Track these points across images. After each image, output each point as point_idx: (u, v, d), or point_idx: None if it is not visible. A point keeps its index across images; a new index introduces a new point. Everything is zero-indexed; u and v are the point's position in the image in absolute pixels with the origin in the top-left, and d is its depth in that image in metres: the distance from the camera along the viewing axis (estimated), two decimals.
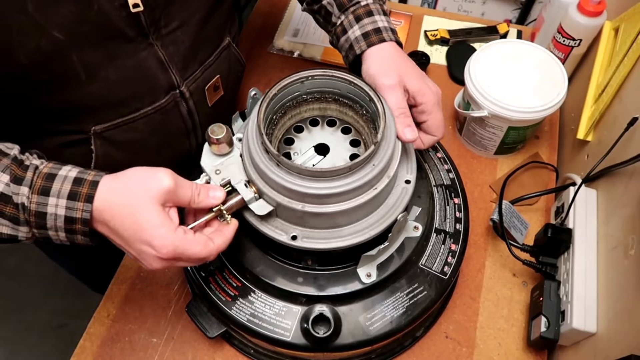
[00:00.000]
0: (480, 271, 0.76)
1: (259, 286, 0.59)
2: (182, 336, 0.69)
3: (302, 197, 0.50)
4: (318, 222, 0.53)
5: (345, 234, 0.53)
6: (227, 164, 0.54)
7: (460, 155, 0.88)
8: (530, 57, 0.81)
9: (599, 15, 0.81)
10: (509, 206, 0.75)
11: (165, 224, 0.47)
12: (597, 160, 0.68)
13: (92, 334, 0.70)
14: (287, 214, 0.53)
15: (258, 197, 0.52)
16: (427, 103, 0.60)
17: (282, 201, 0.51)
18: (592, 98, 0.78)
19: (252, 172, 0.52)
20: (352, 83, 0.56)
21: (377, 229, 0.53)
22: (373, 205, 0.54)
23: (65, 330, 1.56)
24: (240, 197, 0.52)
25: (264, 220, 0.54)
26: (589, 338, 0.62)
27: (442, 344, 0.69)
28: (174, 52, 0.63)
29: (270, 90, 0.54)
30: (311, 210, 0.50)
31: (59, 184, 0.47)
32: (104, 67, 0.57)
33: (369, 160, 0.50)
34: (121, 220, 0.47)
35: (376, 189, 0.52)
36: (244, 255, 0.60)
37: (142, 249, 0.48)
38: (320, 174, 0.48)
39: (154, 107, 0.64)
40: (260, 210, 0.52)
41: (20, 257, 1.68)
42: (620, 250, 0.60)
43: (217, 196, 0.51)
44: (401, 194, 0.56)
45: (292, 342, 0.57)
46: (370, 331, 0.57)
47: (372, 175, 0.50)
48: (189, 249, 0.48)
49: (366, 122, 0.59)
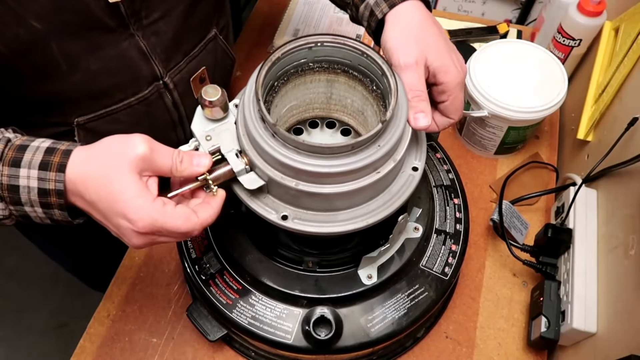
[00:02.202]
0: (480, 271, 0.76)
1: (259, 289, 0.59)
2: (182, 336, 0.69)
3: (297, 173, 0.45)
4: (312, 203, 0.48)
5: (342, 219, 0.48)
6: (220, 131, 0.49)
7: (460, 155, 0.88)
8: (530, 57, 0.81)
9: (599, 15, 0.81)
10: (509, 206, 0.75)
11: (141, 195, 0.43)
12: (597, 160, 0.68)
13: (92, 334, 0.70)
14: (279, 191, 0.48)
15: (249, 170, 0.47)
16: (449, 83, 0.53)
17: (274, 176, 0.46)
18: (592, 98, 0.78)
19: (246, 142, 0.47)
20: (365, 54, 0.51)
21: (377, 216, 0.49)
22: (375, 190, 0.49)
23: (65, 330, 1.56)
24: (229, 168, 0.47)
25: (254, 196, 0.49)
26: (589, 338, 0.62)
27: (442, 344, 0.69)
28: (156, 42, 0.62)
29: (273, 54, 0.48)
30: (305, 189, 0.45)
31: (31, 154, 0.44)
32: (84, 57, 0.57)
33: (375, 140, 0.45)
34: (96, 191, 0.43)
35: (379, 172, 0.46)
36: (244, 258, 0.60)
37: (119, 223, 0.44)
38: (319, 150, 0.44)
39: (137, 98, 0.64)
40: (251, 184, 0.47)
41: (20, 257, 1.68)
42: (621, 250, 0.60)
43: (202, 163, 0.46)
44: (407, 181, 0.50)
45: (293, 344, 0.57)
46: (371, 333, 0.57)
47: (377, 157, 0.45)
48: (169, 222, 0.43)
49: (376, 99, 0.54)
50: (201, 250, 0.63)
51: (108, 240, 0.50)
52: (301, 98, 0.58)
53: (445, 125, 0.56)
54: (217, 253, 0.62)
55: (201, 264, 0.61)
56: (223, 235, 0.62)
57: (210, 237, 0.63)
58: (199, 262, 0.62)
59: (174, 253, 0.76)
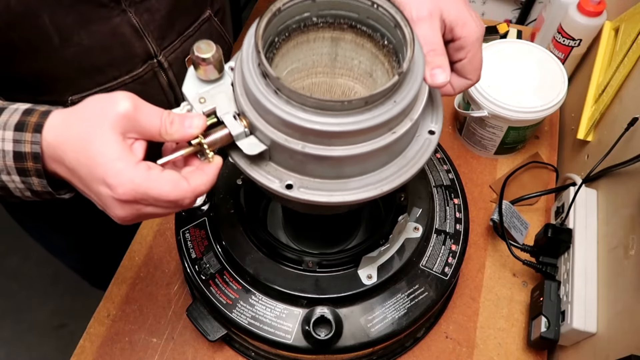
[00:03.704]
0: (480, 271, 0.76)
1: (259, 289, 0.59)
2: (182, 336, 0.69)
3: (304, 134, 0.40)
4: (320, 169, 0.43)
5: (353, 187, 0.43)
6: (215, 93, 0.44)
7: (460, 155, 0.88)
8: (530, 57, 0.81)
9: (599, 15, 0.81)
10: (509, 206, 0.75)
11: (123, 157, 0.38)
12: (597, 160, 0.68)
13: (92, 334, 0.70)
14: (283, 156, 0.43)
15: (249, 133, 0.43)
16: (467, 37, 0.49)
17: (278, 139, 0.41)
18: (592, 98, 0.78)
19: (245, 103, 0.42)
20: (375, 4, 0.46)
21: (391, 184, 0.44)
22: (389, 154, 0.44)
23: (65, 330, 1.56)
24: (226, 131, 0.42)
25: (254, 164, 0.44)
26: (589, 338, 0.62)
27: (442, 344, 0.69)
28: (149, 19, 0.62)
29: (274, 4, 0.45)
30: (313, 153, 0.41)
31: (7, 115, 0.41)
32: (77, 31, 0.57)
33: (390, 96, 0.41)
34: (75, 155, 0.39)
35: (395, 132, 0.42)
36: (244, 258, 0.60)
37: (99, 191, 0.39)
38: (329, 106, 0.39)
39: (132, 76, 0.64)
40: (251, 149, 0.42)
41: (20, 257, 1.68)
42: (620, 250, 0.60)
43: (195, 125, 0.41)
44: (423, 145, 0.46)
45: (293, 344, 0.57)
46: (371, 333, 0.57)
47: (392, 115, 0.40)
48: (153, 188, 0.38)
49: (387, 55, 0.49)
50: (201, 250, 0.63)
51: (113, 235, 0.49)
52: (303, 60, 0.53)
53: (462, 88, 0.52)
54: (217, 253, 0.62)
55: (201, 264, 0.61)
56: (223, 235, 0.62)
57: (210, 237, 0.63)
58: (199, 262, 0.62)
59: (174, 253, 0.76)
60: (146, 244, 0.77)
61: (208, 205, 0.65)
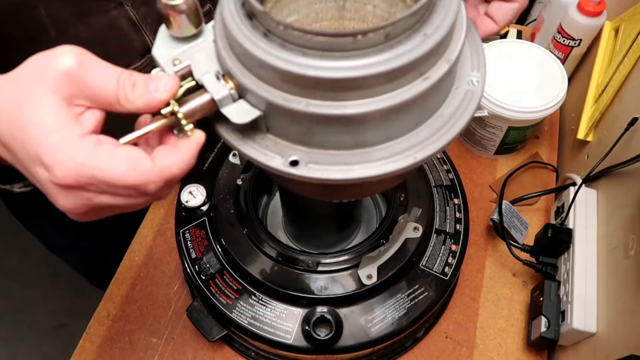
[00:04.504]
0: (480, 271, 0.76)
1: (259, 289, 0.59)
2: (182, 336, 0.69)
3: (307, 87, 0.30)
4: (332, 137, 0.32)
5: (377, 157, 0.33)
6: (192, 53, 0.34)
7: (460, 155, 0.88)
8: (530, 57, 0.81)
9: (599, 15, 0.81)
10: (509, 206, 0.75)
11: (62, 128, 0.29)
12: (597, 160, 0.68)
13: (92, 334, 0.70)
14: (283, 123, 0.33)
15: (237, 97, 0.33)
16: None
17: (274, 98, 0.31)
18: (592, 98, 0.78)
19: (229, 57, 0.32)
20: None
21: (426, 150, 0.33)
22: (421, 110, 0.33)
23: (65, 330, 1.56)
24: (208, 97, 0.32)
25: (247, 137, 0.34)
26: (589, 338, 0.62)
27: (442, 344, 0.69)
28: (146, 13, 0.62)
29: None
30: (321, 112, 0.30)
31: None
32: (74, 24, 0.57)
33: (418, 27, 0.30)
34: (8, 127, 0.30)
35: (428, 78, 0.31)
36: (244, 258, 0.60)
37: (37, 174, 0.30)
38: (338, 46, 0.29)
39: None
40: (240, 117, 0.32)
41: (20, 256, 1.69)
42: (620, 250, 0.60)
43: (163, 88, 0.31)
44: (464, 99, 0.35)
45: (293, 344, 0.57)
46: (371, 333, 0.57)
47: (423, 52, 0.30)
48: (103, 168, 0.29)
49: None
50: (201, 250, 0.63)
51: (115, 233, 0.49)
52: (304, 10, 0.42)
53: (508, 19, 0.46)
54: (217, 253, 0.62)
55: (201, 264, 0.61)
56: (223, 235, 0.62)
57: (210, 237, 0.63)
58: (199, 262, 0.62)
59: (174, 253, 0.76)
60: (146, 244, 0.77)
61: (208, 205, 0.66)
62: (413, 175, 0.66)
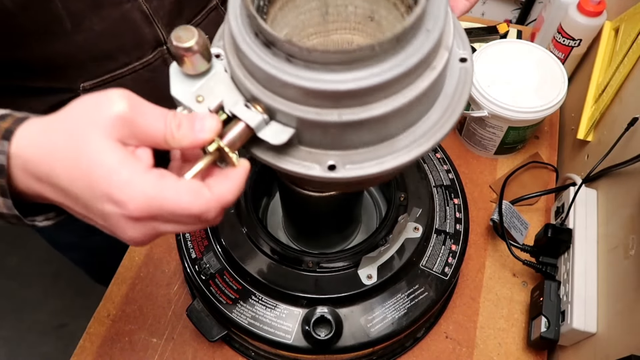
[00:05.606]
0: (480, 271, 0.76)
1: (259, 289, 0.59)
2: (182, 336, 0.69)
3: (338, 99, 0.33)
4: (362, 136, 0.36)
5: (402, 146, 0.37)
6: (211, 85, 0.36)
7: (460, 155, 0.88)
8: (530, 57, 0.81)
9: (599, 15, 0.81)
10: (509, 206, 0.75)
11: (127, 164, 0.31)
12: (597, 160, 0.68)
13: (92, 334, 0.70)
14: (315, 134, 0.36)
15: (268, 120, 0.35)
16: None
17: (307, 115, 0.33)
18: (592, 98, 0.78)
19: (253, 85, 0.34)
20: None
21: (443, 129, 0.37)
22: (431, 95, 0.38)
23: (65, 330, 1.56)
24: (243, 125, 0.34)
25: (282, 153, 0.37)
26: (589, 338, 0.62)
27: (442, 344, 0.69)
28: (158, 6, 0.63)
29: None
30: (353, 119, 0.34)
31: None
32: (88, 16, 0.57)
33: (421, 24, 0.34)
34: (66, 172, 0.31)
35: (435, 67, 0.35)
36: (244, 258, 0.60)
37: (104, 211, 0.32)
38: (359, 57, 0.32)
39: (142, 63, 0.65)
40: (277, 138, 0.34)
41: (20, 256, 1.69)
42: (620, 250, 0.60)
43: (208, 127, 0.33)
44: (460, 76, 0.39)
45: (293, 344, 0.57)
46: (371, 333, 0.57)
47: (429, 47, 0.33)
48: (171, 199, 0.31)
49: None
50: (201, 250, 0.63)
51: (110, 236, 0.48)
52: (293, 23, 0.45)
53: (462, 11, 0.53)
54: (217, 253, 0.62)
55: (201, 264, 0.61)
56: (223, 235, 0.62)
57: (210, 237, 0.63)
58: (199, 262, 0.62)
59: (174, 253, 0.76)
60: None
61: None
62: (413, 175, 0.66)
